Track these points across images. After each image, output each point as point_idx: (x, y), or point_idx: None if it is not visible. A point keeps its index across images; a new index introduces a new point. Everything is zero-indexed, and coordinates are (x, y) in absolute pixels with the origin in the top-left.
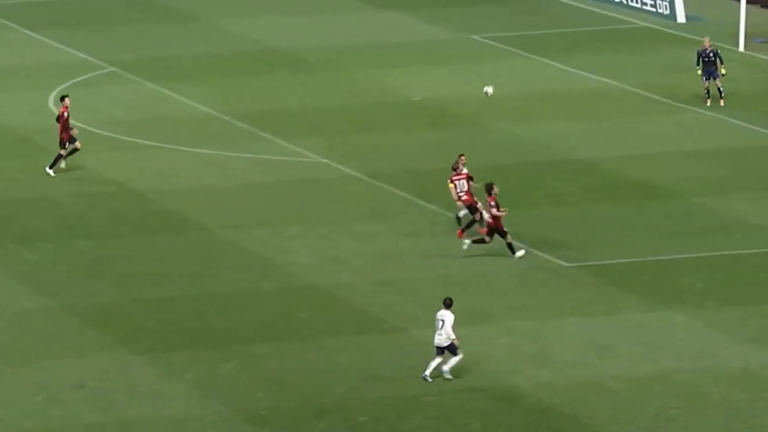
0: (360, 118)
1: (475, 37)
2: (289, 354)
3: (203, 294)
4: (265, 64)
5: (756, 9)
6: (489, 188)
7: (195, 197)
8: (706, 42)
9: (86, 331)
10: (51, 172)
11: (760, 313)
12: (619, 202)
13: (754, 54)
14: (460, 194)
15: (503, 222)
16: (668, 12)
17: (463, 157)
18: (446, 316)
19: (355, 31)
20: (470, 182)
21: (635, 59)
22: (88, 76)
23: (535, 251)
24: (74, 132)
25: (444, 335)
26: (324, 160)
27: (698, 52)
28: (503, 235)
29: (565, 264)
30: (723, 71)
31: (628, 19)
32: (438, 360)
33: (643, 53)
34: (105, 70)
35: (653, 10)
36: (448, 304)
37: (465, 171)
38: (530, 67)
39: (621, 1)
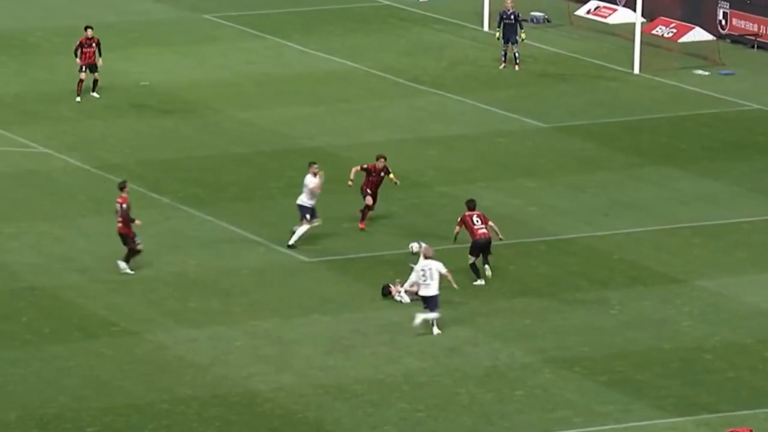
0: (84, 105)
1: (207, 16)
2: (9, 361)
3: None
4: None
5: None
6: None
7: None
8: (509, 3)
9: None
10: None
11: (509, 309)
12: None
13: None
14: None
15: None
16: None
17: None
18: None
19: (78, 11)
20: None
21: (376, 40)
22: None
23: (273, 246)
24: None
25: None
26: (46, 150)
27: (500, 13)
28: None
29: (305, 259)
30: (522, 36)
31: None
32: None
33: (385, 33)
34: None
35: None
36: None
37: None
38: (267, 48)
39: None
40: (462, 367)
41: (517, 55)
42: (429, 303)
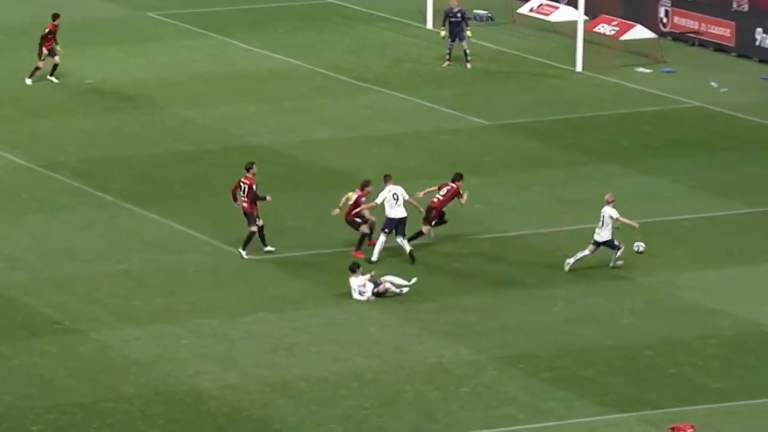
0: (28, 104)
1: (151, 14)
2: None
3: None
4: None
5: None
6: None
7: None
8: (453, 1)
9: None
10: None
11: (455, 306)
12: (307, 190)
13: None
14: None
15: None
16: None
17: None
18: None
19: (21, 9)
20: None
21: (320, 38)
22: None
23: (219, 244)
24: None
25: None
26: None
27: (445, 12)
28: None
29: (251, 257)
30: (468, 33)
31: None
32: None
33: (329, 31)
34: None
35: None
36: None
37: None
38: (211, 46)
39: None
40: (407, 365)
41: (467, 52)
42: (610, 246)
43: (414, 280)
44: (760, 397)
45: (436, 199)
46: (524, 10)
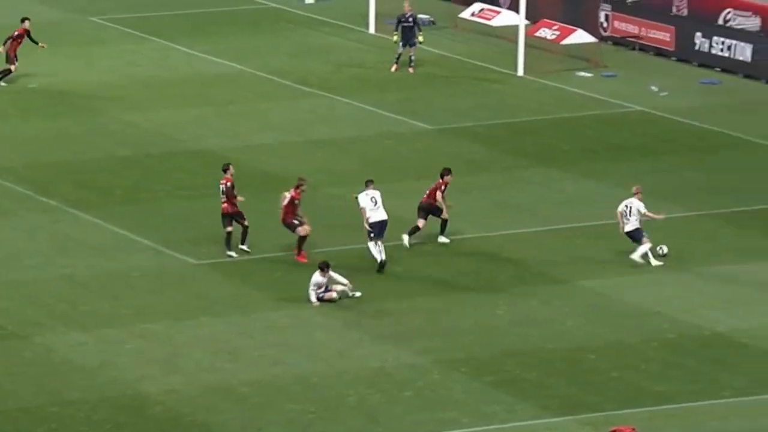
0: None
1: (93, 18)
2: None
3: None
4: None
5: None
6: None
7: None
8: (406, 6)
9: None
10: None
11: (398, 310)
12: (249, 194)
13: (384, 36)
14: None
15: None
16: None
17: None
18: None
19: None
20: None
21: (263, 42)
22: None
23: (162, 249)
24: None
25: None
26: None
27: (398, 17)
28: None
29: (194, 261)
30: (420, 38)
31: None
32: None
33: (271, 36)
34: None
35: None
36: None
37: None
38: (153, 50)
39: None
40: (351, 369)
41: (412, 58)
42: (633, 237)
43: (358, 294)
44: (701, 399)
45: (424, 196)
46: (466, 14)
